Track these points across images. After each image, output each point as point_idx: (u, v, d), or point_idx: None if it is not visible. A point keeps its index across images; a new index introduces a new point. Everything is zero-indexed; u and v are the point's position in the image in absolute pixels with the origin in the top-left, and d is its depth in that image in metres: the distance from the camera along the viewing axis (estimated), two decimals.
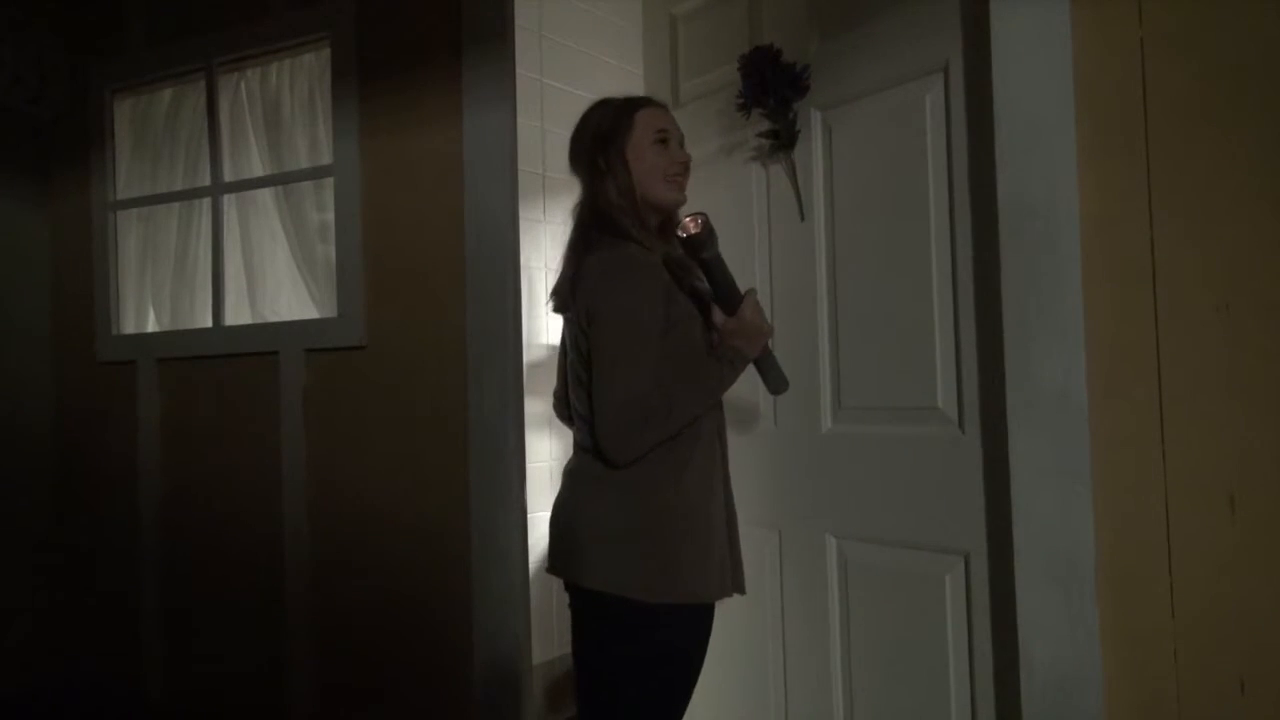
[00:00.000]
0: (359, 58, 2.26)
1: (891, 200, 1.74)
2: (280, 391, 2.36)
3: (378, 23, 2.23)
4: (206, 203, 2.60)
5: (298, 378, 2.34)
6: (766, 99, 1.87)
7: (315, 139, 2.45)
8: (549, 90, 3.31)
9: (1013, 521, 1.41)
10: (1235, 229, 1.27)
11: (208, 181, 2.57)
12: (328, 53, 2.33)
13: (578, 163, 1.60)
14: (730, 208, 2.03)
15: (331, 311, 2.36)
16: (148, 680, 2.61)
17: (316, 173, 2.40)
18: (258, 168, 2.56)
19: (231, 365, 2.47)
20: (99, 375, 2.73)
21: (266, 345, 2.40)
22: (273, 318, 2.54)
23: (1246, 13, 1.26)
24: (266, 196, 2.55)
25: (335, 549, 2.28)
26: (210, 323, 2.56)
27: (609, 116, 1.57)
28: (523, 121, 2.16)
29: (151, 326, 2.75)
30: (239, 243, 2.59)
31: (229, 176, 2.55)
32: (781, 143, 1.89)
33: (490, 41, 2.05)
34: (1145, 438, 1.33)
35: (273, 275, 2.58)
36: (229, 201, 2.57)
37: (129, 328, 2.75)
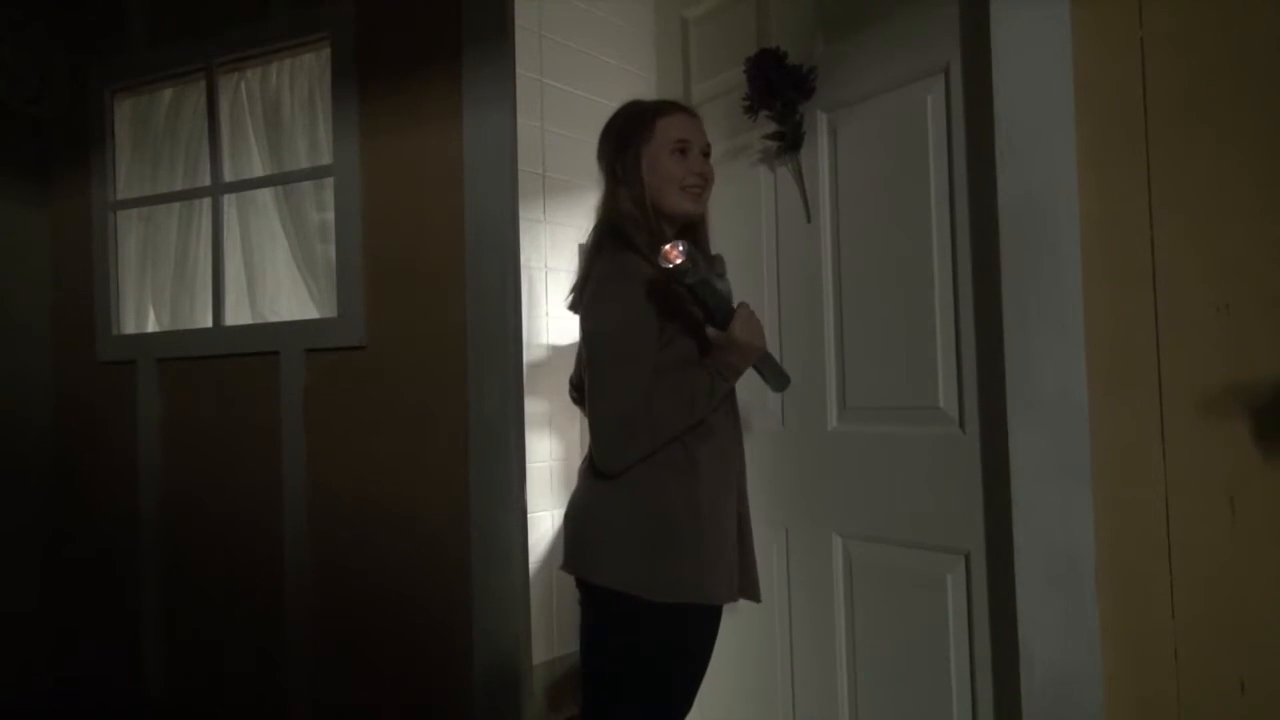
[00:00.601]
0: (359, 58, 2.26)
1: (894, 201, 1.74)
2: (280, 391, 2.36)
3: (378, 23, 2.24)
4: (206, 203, 2.60)
5: (298, 378, 2.34)
6: (772, 101, 1.88)
7: (315, 139, 2.45)
8: (549, 90, 3.31)
9: (1013, 521, 1.41)
10: (1235, 229, 1.27)
11: (208, 181, 2.57)
12: (328, 53, 2.33)
13: (600, 163, 1.59)
14: (739, 209, 2.03)
15: (331, 311, 2.36)
16: (147, 680, 2.61)
17: (316, 173, 2.40)
18: (258, 168, 2.56)
19: (231, 365, 2.47)
20: (99, 375, 2.73)
21: (266, 345, 2.40)
22: (273, 318, 2.54)
23: (1246, 13, 1.26)
24: (266, 196, 2.55)
25: (335, 548, 2.28)
26: (210, 323, 2.56)
27: (630, 121, 1.55)
28: (523, 121, 2.16)
29: (152, 326, 2.75)
30: (239, 243, 2.59)
31: (229, 176, 2.55)
32: (787, 144, 1.90)
33: (490, 41, 2.05)
34: (1145, 438, 1.33)
35: (273, 275, 2.58)
36: (229, 201, 2.57)
37: (129, 328, 2.75)
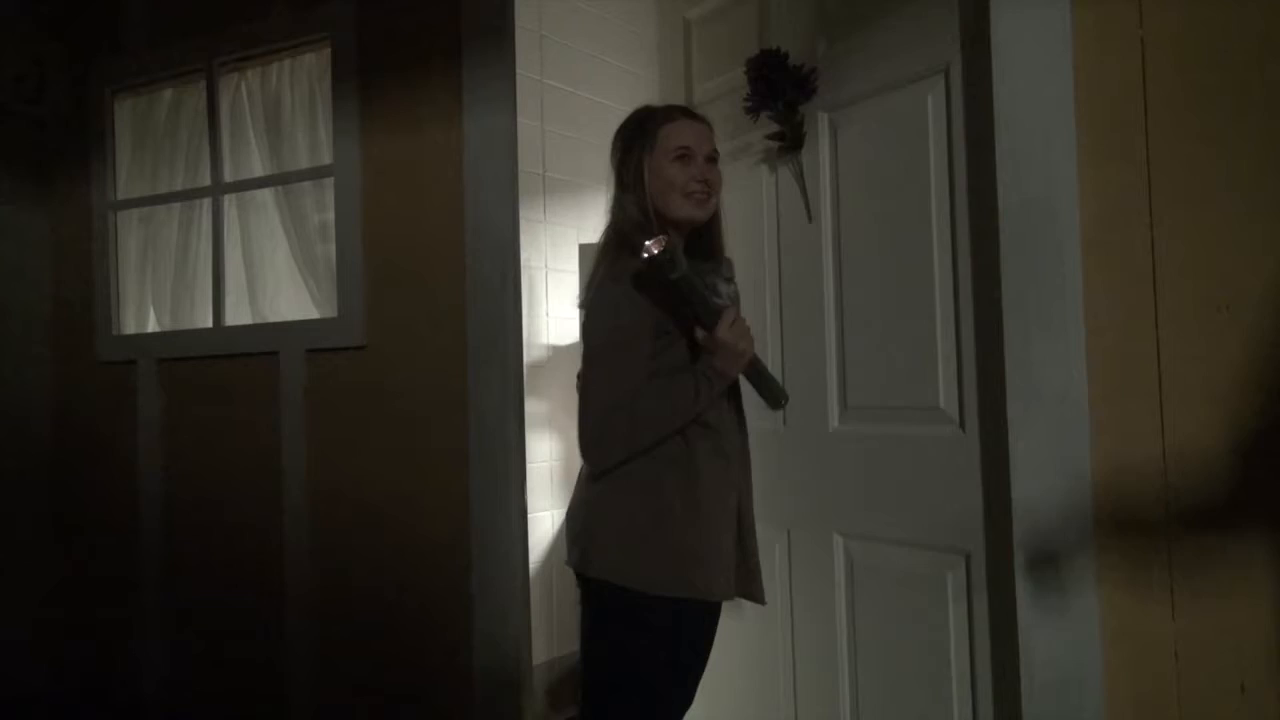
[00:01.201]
0: (359, 58, 2.26)
1: (894, 201, 1.74)
2: (280, 392, 2.36)
3: (378, 23, 2.23)
4: (207, 203, 2.59)
5: (298, 378, 2.34)
6: (773, 102, 1.88)
7: (315, 139, 2.45)
8: (549, 90, 3.31)
9: (1013, 521, 1.41)
10: (1235, 229, 1.27)
11: (208, 182, 2.57)
12: (328, 53, 2.33)
13: (611, 167, 1.60)
14: (741, 209, 2.04)
15: (332, 311, 2.36)
16: (147, 680, 2.61)
17: (316, 173, 2.40)
18: (258, 168, 2.56)
19: (232, 365, 2.47)
20: (99, 375, 2.73)
21: (267, 345, 2.40)
22: (273, 318, 2.54)
23: (1246, 13, 1.26)
24: (267, 196, 2.55)
25: (335, 549, 2.28)
26: (210, 323, 2.56)
27: (635, 128, 1.57)
28: (523, 122, 2.16)
29: (152, 327, 2.75)
30: (239, 243, 2.59)
31: (229, 177, 2.55)
32: (788, 145, 1.90)
33: (490, 42, 2.05)
34: (1145, 438, 1.33)
35: (273, 275, 2.58)
36: (229, 201, 2.57)
37: (129, 328, 2.75)
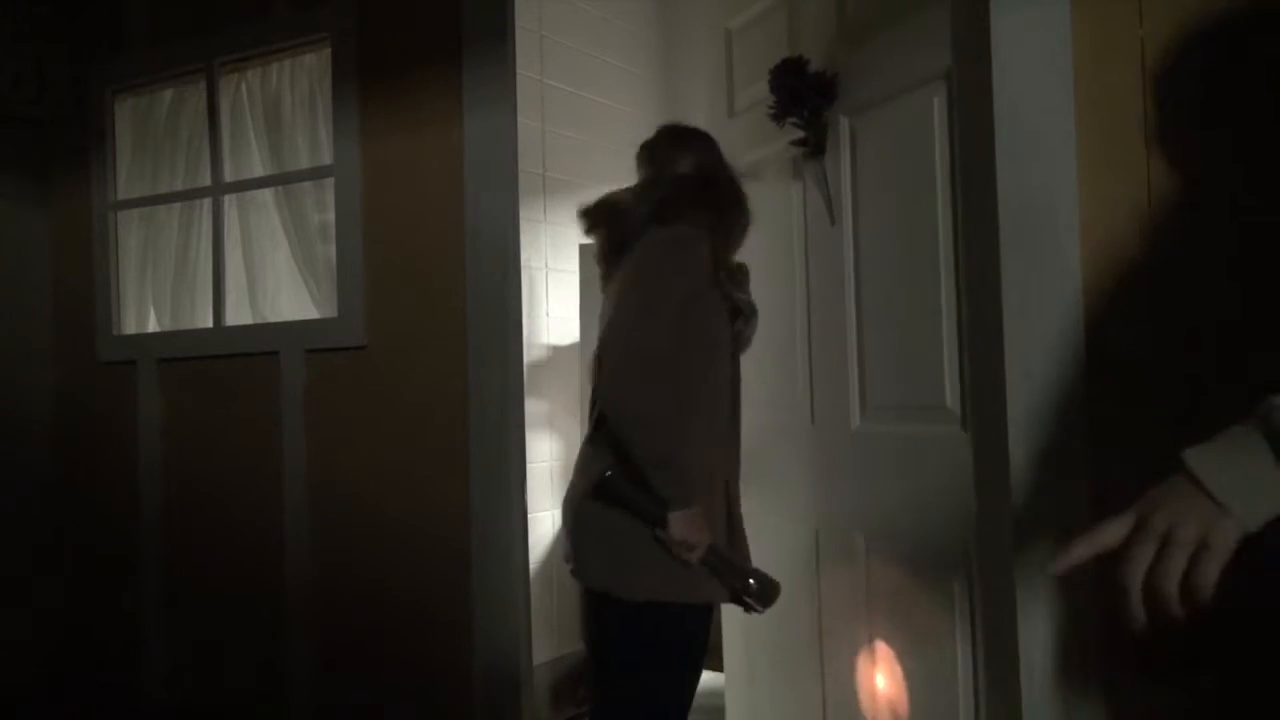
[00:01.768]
0: (359, 58, 2.26)
1: (904, 203, 1.76)
2: (281, 392, 2.36)
3: (378, 23, 2.24)
4: (207, 203, 2.60)
5: (298, 378, 2.34)
6: (796, 108, 1.90)
7: (316, 139, 2.45)
8: (549, 90, 3.31)
9: (1013, 522, 1.41)
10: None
11: (208, 182, 2.57)
12: (328, 53, 2.33)
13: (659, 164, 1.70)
14: (771, 213, 2.08)
15: (332, 312, 2.36)
16: (148, 680, 2.61)
17: (317, 173, 2.40)
18: (258, 168, 2.56)
19: (232, 365, 2.47)
20: (99, 376, 2.73)
21: (267, 345, 2.40)
22: (273, 318, 2.54)
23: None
24: (267, 197, 2.56)
25: (336, 549, 2.28)
26: (211, 323, 2.56)
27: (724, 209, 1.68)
28: (523, 122, 2.16)
29: (152, 327, 2.76)
30: (239, 243, 2.59)
31: (229, 177, 2.55)
32: (811, 150, 1.92)
33: (491, 42, 2.05)
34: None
35: (273, 275, 2.58)
36: (229, 202, 2.57)
37: (129, 328, 2.75)
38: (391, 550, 2.20)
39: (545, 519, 3.22)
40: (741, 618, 1.91)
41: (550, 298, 3.38)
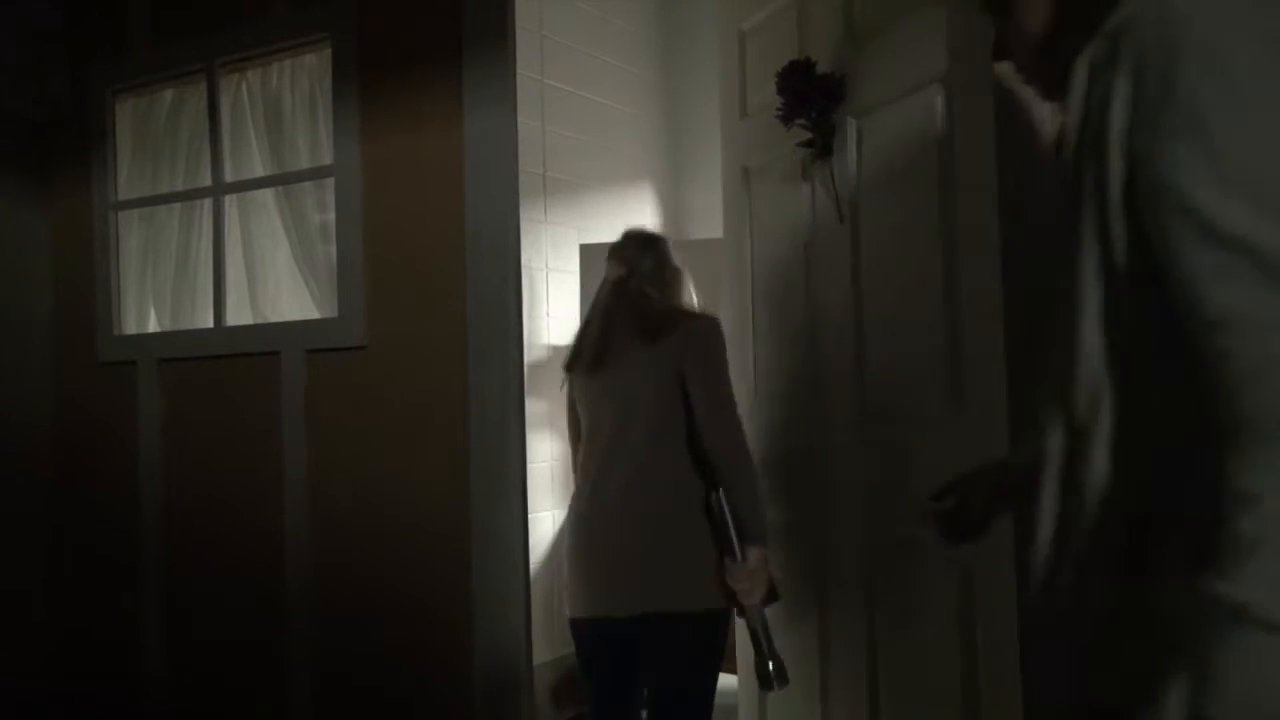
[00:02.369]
0: (360, 58, 2.25)
1: (904, 204, 1.77)
2: (281, 392, 2.36)
3: (379, 23, 2.23)
4: (207, 203, 2.59)
5: (299, 378, 2.34)
6: (804, 110, 1.90)
7: (316, 139, 2.45)
8: (549, 90, 3.31)
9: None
10: None
11: (209, 182, 2.57)
12: (329, 53, 2.32)
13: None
14: (782, 212, 2.08)
15: (332, 312, 2.36)
16: (149, 679, 2.61)
17: (317, 173, 2.40)
18: (259, 168, 2.56)
19: (232, 365, 2.47)
20: (100, 376, 2.73)
21: (267, 345, 2.40)
22: (274, 318, 2.55)
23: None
24: (267, 197, 2.55)
25: (336, 549, 2.28)
26: (211, 323, 2.56)
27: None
28: (523, 122, 2.16)
29: (153, 327, 2.75)
30: (240, 243, 2.59)
31: (230, 177, 2.55)
32: (818, 150, 1.92)
33: (491, 42, 2.05)
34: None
35: (274, 275, 2.58)
36: (230, 202, 2.57)
37: (130, 328, 2.75)
38: (391, 550, 2.20)
39: (545, 519, 3.22)
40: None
41: (550, 298, 3.38)
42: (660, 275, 1.96)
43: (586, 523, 1.89)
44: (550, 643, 3.09)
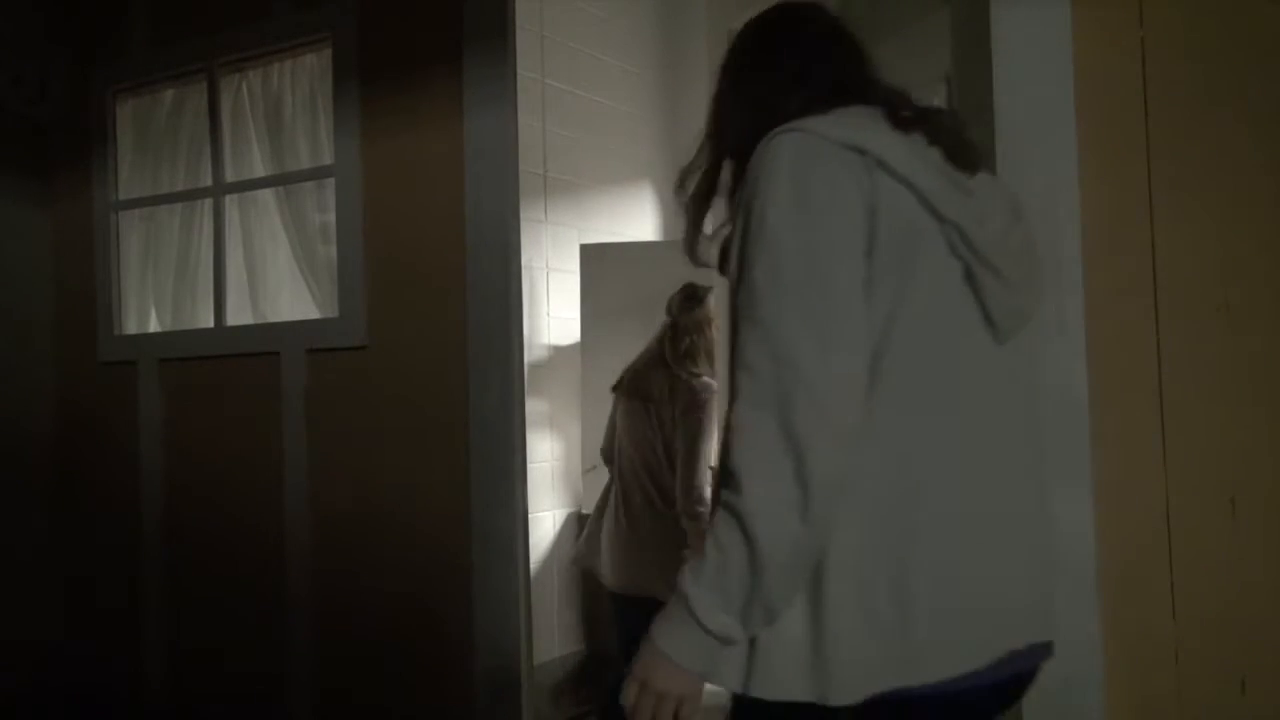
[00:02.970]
0: (360, 58, 2.26)
1: None
2: (281, 392, 2.36)
3: (379, 23, 2.24)
4: (208, 203, 2.60)
5: (299, 378, 2.34)
6: None
7: (316, 139, 2.46)
8: (550, 90, 3.31)
9: None
10: (1235, 229, 1.27)
11: (209, 182, 2.57)
12: (329, 53, 2.32)
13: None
14: None
15: (333, 312, 2.36)
16: (148, 680, 2.61)
17: (317, 173, 2.40)
18: (259, 168, 2.56)
19: (233, 365, 2.47)
20: (100, 376, 2.73)
21: (268, 345, 2.40)
22: (274, 318, 2.55)
23: (1246, 12, 1.27)
24: (268, 197, 2.56)
25: (336, 548, 2.28)
26: (212, 323, 2.56)
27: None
28: (523, 121, 2.16)
29: (153, 327, 2.76)
30: (240, 243, 2.59)
31: (230, 177, 2.55)
32: None
33: (491, 42, 2.05)
34: (1145, 438, 1.33)
35: (274, 275, 2.58)
36: (230, 202, 2.57)
37: (130, 328, 2.75)
38: (391, 549, 2.20)
39: (545, 519, 3.22)
40: None
41: (551, 298, 3.38)
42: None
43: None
44: (549, 643, 3.09)
